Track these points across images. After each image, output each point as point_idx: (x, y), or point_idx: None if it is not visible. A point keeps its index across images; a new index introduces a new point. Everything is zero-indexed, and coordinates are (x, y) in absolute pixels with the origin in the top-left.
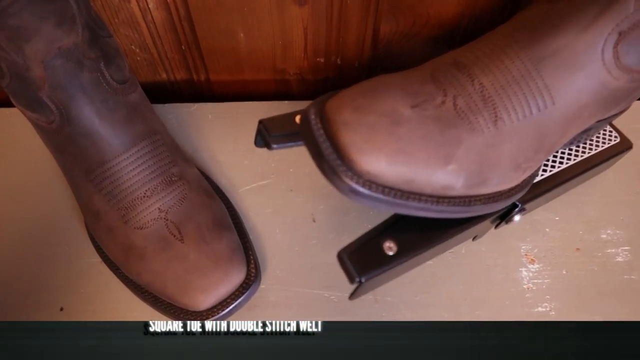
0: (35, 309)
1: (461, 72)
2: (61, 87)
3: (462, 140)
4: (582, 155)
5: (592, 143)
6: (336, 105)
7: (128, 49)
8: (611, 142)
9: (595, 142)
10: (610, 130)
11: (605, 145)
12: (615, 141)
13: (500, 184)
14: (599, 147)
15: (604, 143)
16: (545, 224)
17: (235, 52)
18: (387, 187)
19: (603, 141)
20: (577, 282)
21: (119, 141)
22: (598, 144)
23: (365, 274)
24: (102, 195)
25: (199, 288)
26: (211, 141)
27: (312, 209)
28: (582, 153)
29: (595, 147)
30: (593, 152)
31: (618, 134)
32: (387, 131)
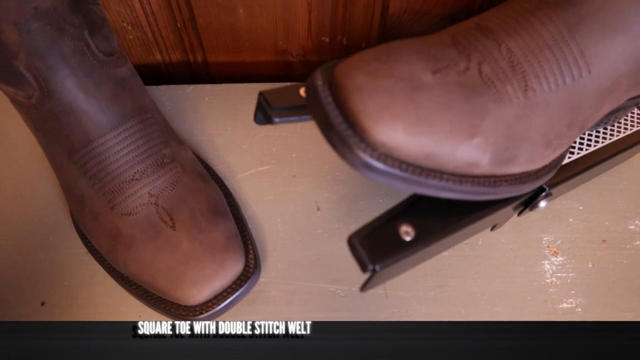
0: (14, 304)
1: (486, 36)
2: (39, 56)
3: (488, 110)
4: (610, 138)
5: (621, 126)
6: (347, 69)
7: (120, 26)
8: None
9: (624, 124)
10: (639, 113)
11: (634, 129)
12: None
13: (528, 163)
14: (628, 130)
15: (633, 126)
16: (569, 213)
17: (234, 31)
18: (405, 163)
19: (632, 124)
20: (604, 277)
21: (106, 118)
22: (627, 127)
23: (380, 262)
24: (87, 179)
25: (191, 280)
26: (208, 124)
27: (316, 197)
28: (610, 136)
29: (624, 130)
30: (622, 135)
31: None
32: (405, 97)
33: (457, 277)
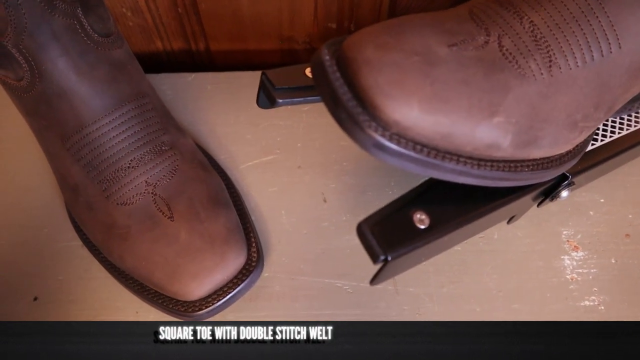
0: (6, 299)
1: (506, 9)
2: (29, 33)
3: (510, 88)
4: (635, 126)
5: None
6: (356, 42)
7: (119, 12)
8: None
9: None
10: None
11: None
12: None
13: (552, 146)
14: None
15: None
16: (589, 206)
17: (237, 17)
18: (420, 143)
19: None
20: (628, 273)
21: (100, 102)
22: None
23: (392, 251)
24: (81, 166)
25: (190, 274)
26: (210, 113)
27: (322, 188)
28: (635, 123)
29: None
30: None
31: None
32: (419, 72)
33: (471, 272)
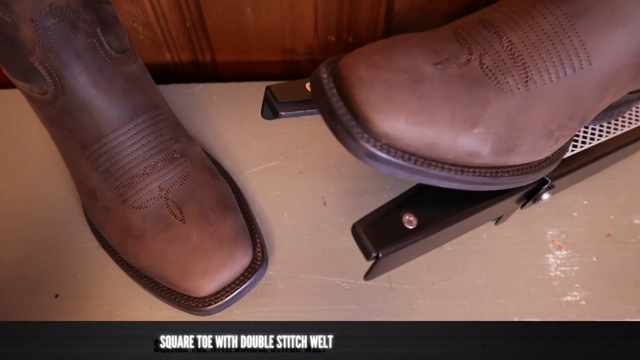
0: (29, 296)
1: (487, 29)
2: (54, 52)
3: (489, 101)
4: (614, 132)
5: (625, 120)
6: (350, 62)
7: (130, 26)
8: None
9: (629, 119)
10: None
11: (638, 123)
12: None
13: (530, 153)
14: (632, 125)
15: (638, 120)
16: (574, 207)
17: (242, 31)
18: (407, 152)
19: (637, 118)
20: (609, 271)
21: (117, 114)
22: (631, 121)
23: (383, 249)
24: (99, 173)
25: (201, 272)
26: (216, 122)
27: (322, 192)
28: (614, 130)
29: (629, 124)
30: (626, 129)
31: None
32: (407, 89)
33: (461, 270)
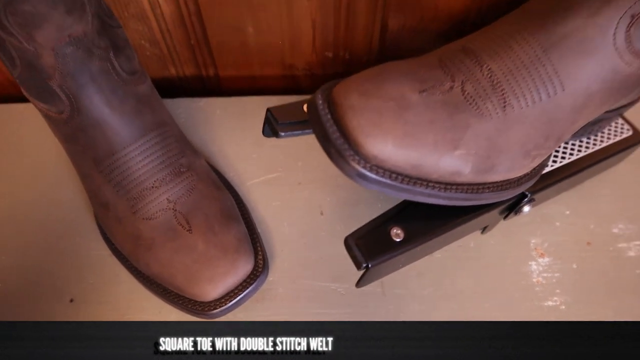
0: (46, 301)
1: (469, 57)
2: (71, 76)
3: (469, 125)
4: (593, 147)
5: (604, 135)
6: (343, 90)
7: (137, 43)
8: (623, 135)
9: (607, 134)
10: (623, 123)
11: (617, 138)
12: (628, 134)
13: (509, 171)
14: (611, 140)
15: (616, 135)
16: (556, 217)
17: (244, 48)
18: (395, 172)
19: (615, 134)
20: (588, 277)
21: (128, 131)
22: (610, 137)
23: (372, 260)
24: (111, 186)
25: (207, 278)
26: (219, 135)
27: (320, 202)
28: (593, 145)
29: (607, 139)
30: (604, 145)
31: (630, 126)
32: (394, 115)
33: (449, 276)
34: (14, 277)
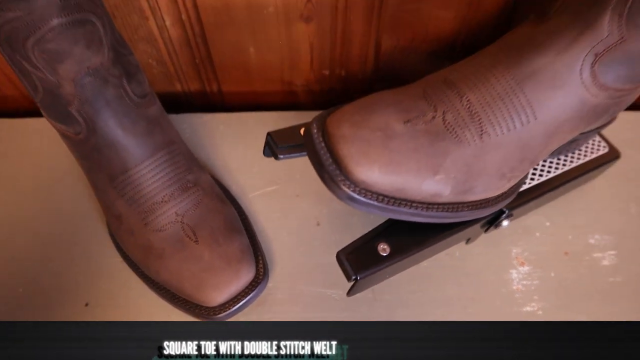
0: (63, 304)
1: (451, 89)
2: (89, 102)
3: (449, 152)
4: (570, 164)
5: (581, 152)
6: (336, 121)
7: (146, 62)
8: (599, 152)
9: (584, 151)
10: (600, 141)
11: (593, 155)
12: (604, 151)
13: (486, 192)
14: (587, 157)
15: (592, 152)
16: (537, 228)
17: (245, 66)
18: (381, 195)
19: (592, 151)
20: (564, 284)
21: (140, 151)
22: (587, 154)
23: (360, 273)
24: (124, 201)
25: (212, 286)
26: (223, 149)
27: (316, 213)
28: (570, 162)
29: (584, 156)
30: (581, 162)
31: (607, 143)
32: (380, 145)
33: (436, 283)
34: (34, 283)
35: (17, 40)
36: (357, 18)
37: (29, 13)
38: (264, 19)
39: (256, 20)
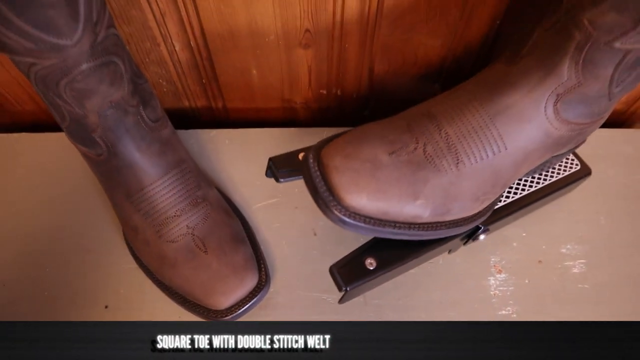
0: (85, 307)
1: (431, 122)
2: (110, 130)
3: (428, 180)
4: (543, 182)
5: (554, 170)
6: (330, 153)
7: (156, 82)
8: (572, 170)
9: (557, 169)
10: (573, 159)
11: (566, 173)
12: (576, 168)
13: (462, 213)
14: (560, 174)
15: (565, 170)
16: (514, 238)
17: (248, 85)
18: (368, 217)
19: (565, 169)
20: (537, 290)
21: (154, 170)
22: (560, 172)
23: (350, 285)
24: (140, 215)
25: (220, 291)
26: (228, 163)
27: (313, 224)
28: (543, 180)
29: (557, 174)
30: (554, 179)
31: (579, 161)
32: (368, 174)
33: (421, 289)
34: (58, 287)
35: (51, 82)
36: (351, 45)
37: (63, 60)
38: (266, 45)
39: (258, 47)
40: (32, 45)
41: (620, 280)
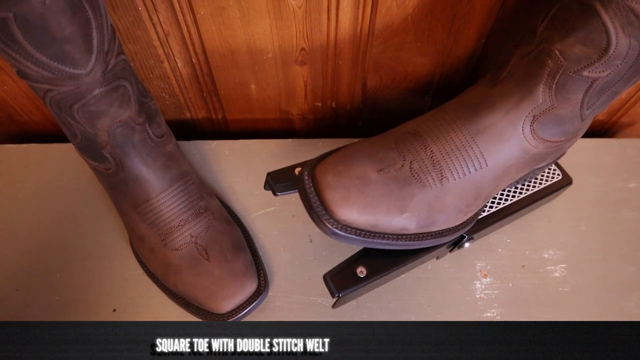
0: (94, 310)
1: (418, 141)
2: (119, 146)
3: (414, 195)
4: (526, 192)
5: (537, 180)
6: (323, 170)
7: (159, 95)
8: (554, 179)
9: (540, 179)
10: (555, 169)
11: (548, 182)
12: (558, 178)
13: (446, 224)
14: (542, 184)
15: (547, 180)
16: (499, 244)
17: (247, 98)
18: (359, 230)
19: (547, 179)
20: (520, 294)
21: (160, 183)
22: (542, 181)
23: (342, 291)
24: (147, 224)
25: (221, 296)
26: (228, 173)
27: (309, 232)
28: (526, 190)
29: (539, 184)
30: (536, 189)
31: (560, 171)
32: (358, 191)
33: (410, 292)
34: (69, 291)
35: (65, 105)
36: (345, 62)
37: (77, 87)
38: (264, 62)
39: (257, 64)
40: (49, 74)
41: (599, 284)
